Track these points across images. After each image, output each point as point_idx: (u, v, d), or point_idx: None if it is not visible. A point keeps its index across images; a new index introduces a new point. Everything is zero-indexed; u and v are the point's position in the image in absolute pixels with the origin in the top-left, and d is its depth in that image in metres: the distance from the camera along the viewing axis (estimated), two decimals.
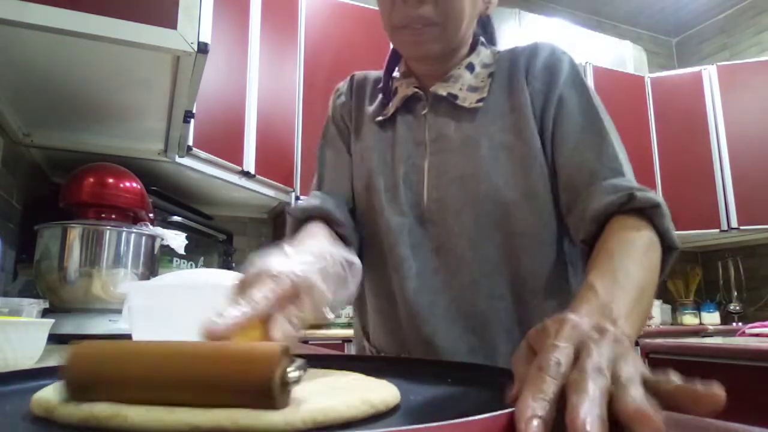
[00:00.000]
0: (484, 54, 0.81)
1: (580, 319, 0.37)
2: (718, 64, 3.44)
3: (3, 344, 0.61)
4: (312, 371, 0.44)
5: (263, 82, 2.27)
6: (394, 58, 0.87)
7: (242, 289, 0.42)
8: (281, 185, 2.39)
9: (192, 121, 1.51)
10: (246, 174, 2.14)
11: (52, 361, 0.74)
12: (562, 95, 0.74)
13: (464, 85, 0.78)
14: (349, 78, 0.93)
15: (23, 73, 1.15)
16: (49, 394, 0.32)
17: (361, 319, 0.87)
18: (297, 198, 2.44)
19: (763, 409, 1.40)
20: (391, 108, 0.82)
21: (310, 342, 2.15)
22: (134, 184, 1.37)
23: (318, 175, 0.90)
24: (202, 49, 1.01)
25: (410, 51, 0.78)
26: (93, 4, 0.94)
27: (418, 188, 0.77)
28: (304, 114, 2.54)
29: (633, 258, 0.55)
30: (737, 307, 3.44)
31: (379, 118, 0.83)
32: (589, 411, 0.27)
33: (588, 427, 0.26)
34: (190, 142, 1.74)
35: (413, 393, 0.38)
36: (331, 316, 0.48)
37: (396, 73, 0.87)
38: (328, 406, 0.29)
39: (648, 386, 0.31)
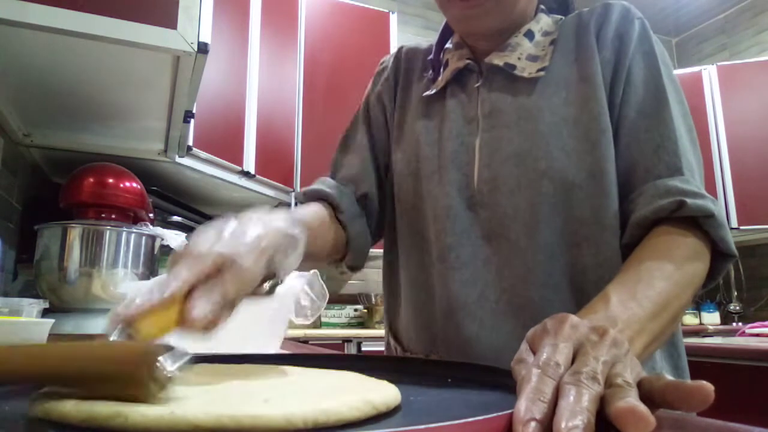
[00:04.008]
0: (544, 21, 0.73)
1: (579, 320, 0.37)
2: (718, 64, 3.44)
3: (3, 344, 0.61)
4: (312, 371, 0.45)
5: (263, 82, 2.27)
6: (448, 29, 0.80)
7: (172, 263, 0.41)
8: (281, 185, 2.39)
9: (192, 121, 1.51)
10: (246, 174, 2.14)
11: None
12: (629, 69, 0.66)
13: (523, 54, 0.70)
14: (396, 51, 0.86)
15: (23, 73, 1.15)
16: (49, 394, 0.32)
17: (389, 314, 0.82)
18: (297, 198, 2.44)
19: (763, 409, 1.40)
20: (441, 82, 0.75)
21: (310, 342, 2.15)
22: (134, 184, 1.36)
23: (334, 158, 0.85)
24: (202, 49, 1.01)
25: (462, 26, 0.72)
26: (93, 4, 0.94)
27: (468, 169, 0.69)
28: (304, 114, 2.54)
29: (663, 270, 0.52)
30: (737, 307, 3.44)
31: (427, 93, 0.76)
32: (572, 417, 0.27)
33: None
34: (190, 142, 1.74)
35: (413, 393, 0.38)
36: (267, 290, 0.46)
37: (449, 44, 0.79)
38: (330, 407, 0.29)
39: (643, 389, 0.31)
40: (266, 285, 0.46)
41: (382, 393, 0.33)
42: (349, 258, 0.77)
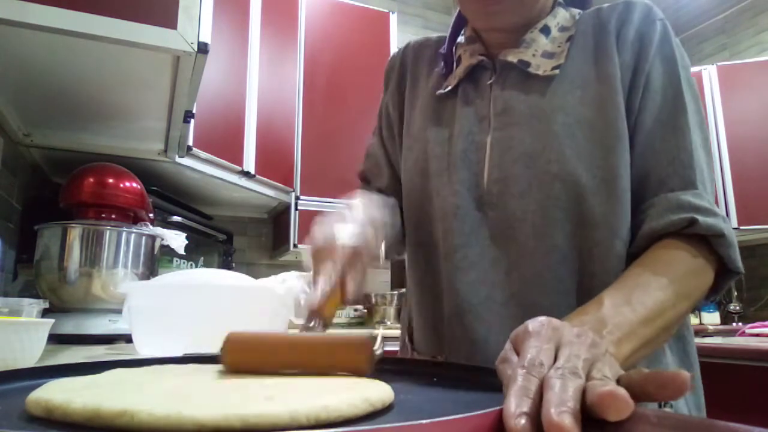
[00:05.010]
0: (561, 16, 0.70)
1: (560, 322, 0.38)
2: (718, 64, 3.44)
3: (3, 344, 0.61)
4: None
5: (263, 82, 2.27)
6: (460, 22, 0.77)
7: (317, 257, 0.56)
8: (281, 185, 2.39)
9: (192, 121, 1.51)
10: (246, 174, 2.14)
11: (52, 361, 0.74)
12: (649, 74, 0.64)
13: (538, 50, 0.67)
14: (402, 48, 0.84)
15: (23, 73, 1.15)
16: (48, 393, 0.32)
17: (408, 314, 0.81)
18: (297, 198, 2.44)
19: (763, 409, 1.40)
20: (453, 80, 0.73)
21: None
22: (134, 184, 1.37)
23: (363, 166, 0.87)
24: (202, 49, 1.01)
25: (480, 22, 0.70)
26: (93, 4, 0.94)
27: (478, 168, 0.67)
28: (304, 114, 2.53)
29: (662, 281, 0.52)
30: (737, 307, 3.44)
31: (439, 91, 0.74)
32: (560, 405, 0.28)
33: (556, 418, 0.27)
34: (190, 142, 1.74)
35: (404, 392, 0.39)
36: (383, 261, 0.68)
37: (461, 38, 0.77)
38: (331, 403, 0.30)
39: (621, 384, 0.32)
40: (382, 258, 0.67)
41: (378, 391, 0.34)
42: (399, 247, 0.83)
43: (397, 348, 0.85)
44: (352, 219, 0.60)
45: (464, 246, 0.66)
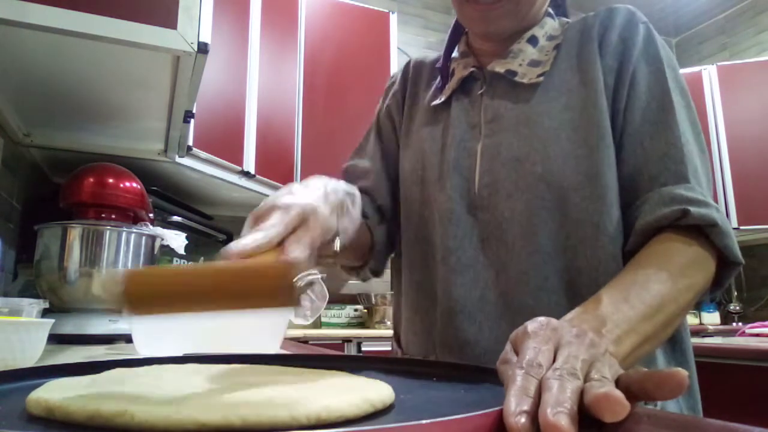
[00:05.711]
0: (549, 25, 0.73)
1: (559, 323, 0.38)
2: (718, 64, 3.44)
3: (3, 344, 0.61)
4: (308, 371, 0.45)
5: (263, 82, 2.27)
6: (454, 37, 0.81)
7: (255, 221, 0.48)
8: (281, 185, 2.37)
9: (192, 121, 1.51)
10: (246, 174, 2.14)
11: (52, 361, 0.74)
12: (633, 75, 0.65)
13: (525, 59, 0.70)
14: (405, 64, 0.88)
15: (23, 73, 1.15)
16: (48, 393, 0.32)
17: (395, 318, 0.83)
18: None
19: (763, 410, 1.40)
20: (447, 91, 0.76)
21: (310, 342, 2.15)
22: (134, 184, 1.36)
23: (347, 167, 0.87)
24: (202, 49, 1.01)
25: (478, 27, 0.72)
26: (93, 4, 0.94)
27: (469, 173, 0.70)
28: (304, 114, 2.54)
29: (660, 275, 0.52)
30: (737, 307, 3.44)
31: (435, 102, 0.77)
32: (557, 405, 0.28)
33: (552, 418, 0.27)
34: (190, 142, 1.74)
35: (404, 392, 0.39)
36: (338, 247, 0.54)
37: (455, 53, 0.80)
38: (331, 404, 0.30)
39: (621, 384, 0.33)
40: (336, 242, 0.54)
41: (379, 391, 0.34)
42: (373, 263, 0.80)
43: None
44: (304, 193, 0.51)
45: (458, 249, 0.68)
